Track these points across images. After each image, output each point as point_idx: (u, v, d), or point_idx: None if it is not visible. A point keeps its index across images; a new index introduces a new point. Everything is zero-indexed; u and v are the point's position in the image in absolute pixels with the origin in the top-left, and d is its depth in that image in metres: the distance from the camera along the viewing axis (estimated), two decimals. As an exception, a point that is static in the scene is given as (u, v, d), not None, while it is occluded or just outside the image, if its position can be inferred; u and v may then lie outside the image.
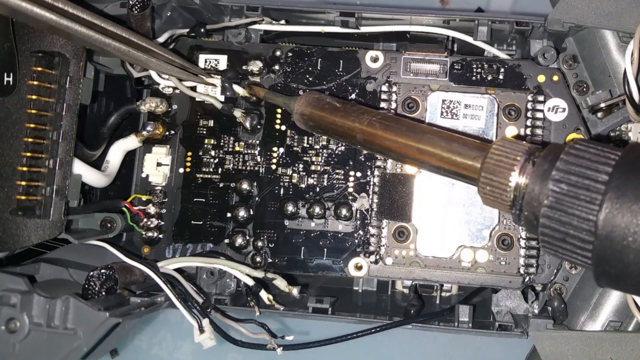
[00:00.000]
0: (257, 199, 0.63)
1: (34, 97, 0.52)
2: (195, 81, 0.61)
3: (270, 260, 0.63)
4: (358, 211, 0.62)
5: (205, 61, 0.64)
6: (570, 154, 0.40)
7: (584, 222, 0.38)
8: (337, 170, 0.63)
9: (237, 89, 0.63)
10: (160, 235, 0.64)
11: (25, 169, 0.52)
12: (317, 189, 0.63)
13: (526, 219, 0.42)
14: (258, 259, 0.63)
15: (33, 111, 0.53)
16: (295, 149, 0.64)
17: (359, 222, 0.62)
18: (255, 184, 0.63)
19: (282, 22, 0.66)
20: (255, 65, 0.64)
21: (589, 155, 0.39)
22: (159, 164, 0.63)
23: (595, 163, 0.39)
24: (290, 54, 0.64)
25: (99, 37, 0.46)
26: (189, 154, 0.64)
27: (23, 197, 0.52)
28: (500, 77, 0.62)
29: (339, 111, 0.54)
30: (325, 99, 0.56)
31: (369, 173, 0.62)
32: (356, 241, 0.62)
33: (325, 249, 0.63)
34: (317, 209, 0.62)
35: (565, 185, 0.39)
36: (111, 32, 0.47)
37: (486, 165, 0.44)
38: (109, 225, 0.62)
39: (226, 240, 0.63)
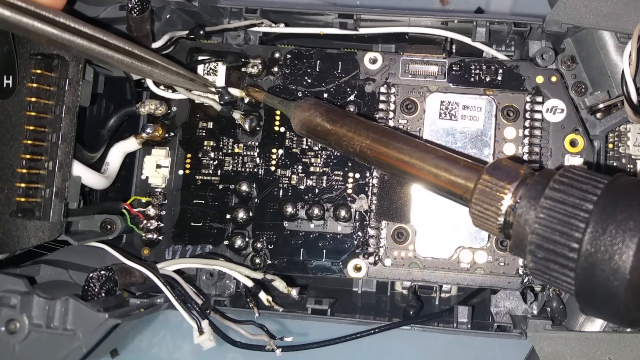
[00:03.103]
0: (256, 200, 0.64)
1: (33, 99, 0.53)
2: (196, 90, 0.61)
3: (269, 261, 0.63)
4: (357, 212, 0.62)
5: (204, 69, 0.64)
6: (559, 182, 0.41)
7: (568, 250, 0.39)
8: (336, 172, 0.63)
9: (235, 92, 0.63)
10: (160, 237, 0.64)
11: (24, 171, 0.53)
12: (316, 191, 0.63)
13: (515, 244, 0.43)
14: (257, 261, 0.63)
15: (32, 113, 0.53)
16: (294, 150, 0.64)
17: (358, 224, 0.62)
18: (254, 185, 0.64)
19: (281, 24, 0.66)
20: (255, 67, 0.64)
21: (576, 184, 0.40)
22: (158, 166, 0.64)
23: (581, 192, 0.39)
24: (289, 56, 0.64)
25: (101, 50, 0.46)
26: (189, 155, 0.65)
27: (23, 199, 0.53)
28: (499, 78, 0.62)
29: (335, 125, 0.54)
30: (320, 112, 0.56)
31: (367, 174, 0.63)
32: (355, 242, 0.62)
33: (325, 250, 0.63)
34: (316, 211, 0.62)
35: (553, 213, 0.40)
36: (113, 45, 0.47)
37: (479, 188, 0.45)
38: (108, 226, 0.62)
39: (225, 242, 0.63)
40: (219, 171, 0.64)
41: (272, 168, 0.64)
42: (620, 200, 0.38)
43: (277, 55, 0.64)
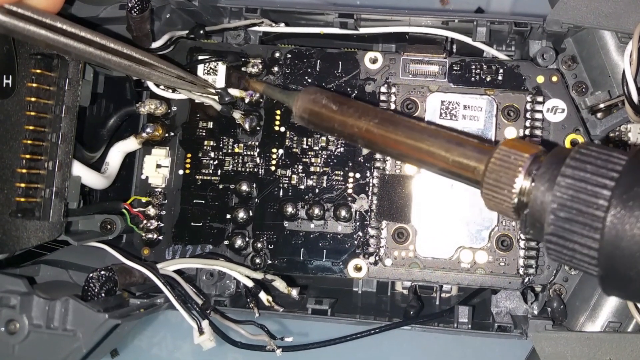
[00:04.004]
0: (256, 200, 0.64)
1: (33, 99, 0.52)
2: (195, 91, 0.61)
3: (269, 261, 0.63)
4: (357, 212, 0.62)
5: (204, 69, 0.64)
6: (576, 158, 0.39)
7: (590, 228, 0.37)
8: (336, 172, 0.63)
9: (235, 92, 0.63)
10: (160, 237, 0.64)
11: (24, 170, 0.52)
12: (317, 190, 0.63)
13: (531, 224, 0.42)
14: (257, 261, 0.63)
15: (32, 113, 0.53)
16: (294, 150, 0.64)
17: (358, 224, 0.62)
18: (254, 185, 0.63)
19: (281, 24, 0.66)
20: (255, 67, 0.64)
21: (595, 160, 0.39)
22: (158, 166, 0.63)
23: (601, 168, 0.38)
24: (289, 56, 0.64)
25: (99, 54, 0.46)
26: (189, 155, 0.64)
27: (22, 199, 0.52)
28: (499, 78, 0.62)
29: (340, 109, 0.53)
30: (326, 96, 0.55)
31: (368, 174, 0.63)
32: (355, 242, 0.62)
33: (325, 250, 0.63)
34: (316, 210, 0.62)
35: (571, 191, 0.38)
36: (111, 48, 0.47)
37: (490, 168, 0.43)
38: (108, 226, 0.62)
39: (226, 242, 0.63)
40: (219, 171, 0.64)
41: (272, 168, 0.64)
42: None
43: (277, 54, 0.64)
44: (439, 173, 0.49)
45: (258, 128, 0.64)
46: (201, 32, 0.64)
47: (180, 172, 0.64)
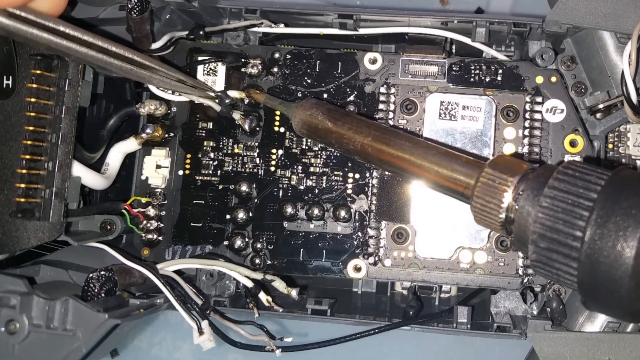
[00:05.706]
0: (256, 200, 0.64)
1: (33, 99, 0.53)
2: (195, 94, 0.61)
3: (269, 261, 0.63)
4: (357, 213, 0.62)
5: (204, 70, 0.64)
6: (562, 173, 0.40)
7: (572, 239, 0.38)
8: (335, 172, 0.63)
9: (234, 94, 0.63)
10: (160, 237, 0.64)
11: (24, 171, 0.53)
12: (316, 191, 0.63)
13: (517, 236, 0.43)
14: (257, 261, 0.63)
15: (32, 114, 0.53)
16: (294, 150, 0.64)
17: (357, 224, 0.62)
18: (254, 185, 0.64)
19: (281, 24, 0.66)
20: (254, 68, 0.64)
21: (576, 180, 0.40)
22: (158, 166, 0.64)
23: (585, 182, 0.39)
24: (288, 56, 0.64)
25: (100, 57, 0.46)
26: (188, 156, 0.65)
27: (22, 200, 0.53)
28: (499, 78, 0.62)
29: (336, 123, 0.54)
30: (321, 111, 0.56)
31: (367, 175, 0.63)
32: (355, 243, 0.62)
33: (324, 251, 0.63)
34: (316, 211, 0.62)
35: (556, 202, 0.39)
36: (112, 52, 0.47)
37: (481, 181, 0.44)
38: (108, 227, 0.62)
39: (225, 242, 0.63)
40: (219, 171, 0.64)
41: (272, 168, 0.64)
42: (624, 190, 0.38)
43: (276, 55, 0.64)
44: (431, 187, 0.51)
45: (258, 129, 0.64)
46: (201, 32, 0.64)
47: (180, 172, 0.64)
